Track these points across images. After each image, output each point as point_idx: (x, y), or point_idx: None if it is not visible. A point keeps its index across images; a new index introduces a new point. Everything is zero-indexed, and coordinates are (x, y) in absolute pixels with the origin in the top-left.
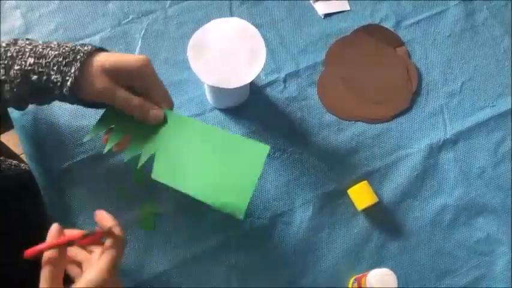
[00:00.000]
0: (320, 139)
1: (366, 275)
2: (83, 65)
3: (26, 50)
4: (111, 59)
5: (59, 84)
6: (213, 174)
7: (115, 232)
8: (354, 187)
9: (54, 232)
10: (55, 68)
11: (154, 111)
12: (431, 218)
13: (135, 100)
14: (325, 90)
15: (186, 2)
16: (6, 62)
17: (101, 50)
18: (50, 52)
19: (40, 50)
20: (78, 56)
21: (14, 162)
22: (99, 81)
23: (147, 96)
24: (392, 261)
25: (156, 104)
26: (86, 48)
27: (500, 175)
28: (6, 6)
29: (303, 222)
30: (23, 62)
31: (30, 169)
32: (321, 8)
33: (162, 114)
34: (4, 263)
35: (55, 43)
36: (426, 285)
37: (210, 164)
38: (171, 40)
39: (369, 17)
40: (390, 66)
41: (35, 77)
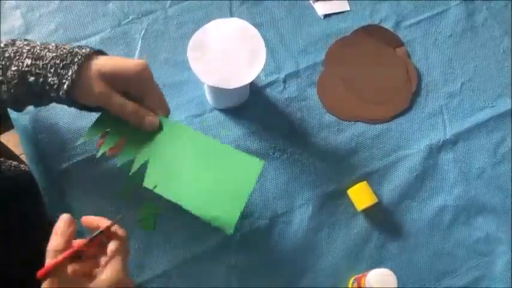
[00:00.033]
0: (320, 139)
1: (366, 275)
2: (80, 68)
3: (24, 51)
4: (109, 63)
5: (55, 86)
6: (205, 187)
7: (118, 232)
8: (353, 187)
9: (66, 221)
10: (52, 70)
11: (150, 118)
12: (430, 218)
13: (131, 106)
14: (325, 91)
15: (186, 2)
16: (3, 62)
17: (99, 52)
18: (47, 54)
19: (38, 51)
20: (75, 59)
21: (13, 163)
22: (96, 86)
23: (144, 101)
24: (392, 261)
25: (152, 110)
26: (83, 50)
27: (499, 175)
28: (6, 6)
29: (303, 222)
30: (20, 63)
31: (30, 170)
32: (320, 8)
33: (157, 121)
34: (4, 263)
35: (53, 44)
36: (426, 285)
37: (203, 176)
38: (171, 40)
39: (368, 17)
40: (390, 67)
41: (32, 78)
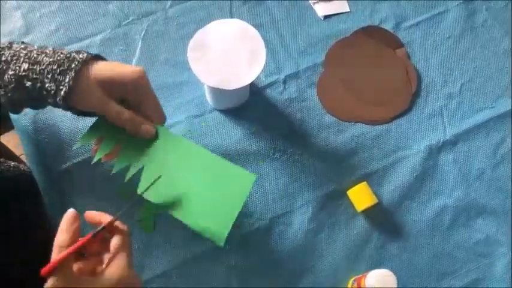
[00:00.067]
0: (320, 140)
1: (366, 275)
2: (78, 74)
3: (21, 55)
4: (106, 69)
5: (52, 92)
6: (197, 197)
7: (120, 227)
8: (353, 188)
9: (70, 217)
10: (49, 76)
11: (147, 126)
12: (430, 219)
13: (127, 113)
14: (325, 92)
15: (186, 3)
16: (0, 66)
17: (96, 57)
18: (44, 59)
19: (35, 55)
20: (72, 65)
21: (12, 164)
22: (93, 93)
23: (140, 108)
24: (392, 262)
25: (148, 117)
26: (81, 56)
27: (499, 176)
28: (7, 7)
29: (303, 222)
30: (17, 67)
31: (30, 170)
32: (320, 10)
33: (153, 129)
34: (4, 263)
35: (50, 49)
36: (425, 286)
37: (195, 187)
38: (171, 41)
39: (368, 18)
40: (390, 68)
41: (29, 83)
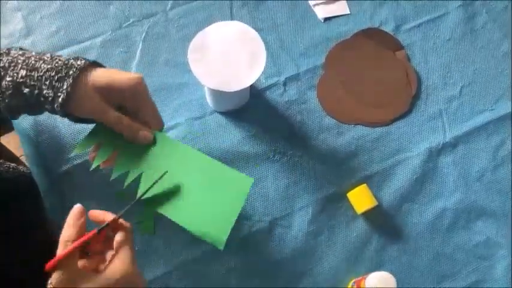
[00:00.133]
0: (320, 142)
1: (365, 277)
2: (75, 81)
3: (19, 61)
4: (104, 76)
5: (50, 99)
6: (196, 202)
7: (123, 224)
8: (353, 190)
9: (77, 212)
10: (47, 83)
11: (144, 132)
12: (430, 222)
13: (125, 120)
14: (325, 94)
15: (186, 5)
16: None
17: (94, 64)
18: (42, 65)
19: (33, 62)
20: (70, 72)
21: (12, 165)
22: (90, 99)
23: (138, 114)
24: (392, 264)
25: (146, 123)
26: (78, 63)
27: (499, 179)
28: (8, 8)
29: (303, 225)
30: (15, 74)
31: (30, 171)
32: (321, 12)
33: (151, 135)
34: (4, 263)
35: (48, 55)
36: None
37: (194, 191)
38: (172, 43)
39: (368, 20)
40: (390, 70)
41: (26, 89)
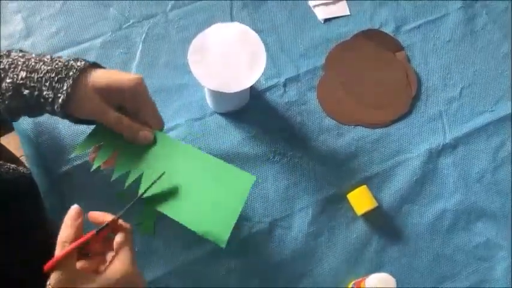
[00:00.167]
0: (320, 143)
1: (365, 279)
2: (75, 82)
3: (19, 63)
4: (104, 77)
5: (50, 100)
6: (197, 201)
7: (123, 225)
8: (353, 192)
9: (74, 213)
10: (47, 84)
11: (145, 132)
12: (430, 223)
13: (125, 120)
14: (325, 95)
15: (187, 6)
16: None
17: (94, 65)
18: (42, 66)
19: (32, 63)
20: (70, 73)
21: (12, 166)
22: (90, 100)
23: (138, 115)
24: (392, 265)
25: (146, 124)
26: (78, 64)
27: (499, 180)
28: (8, 10)
29: (303, 226)
30: (15, 75)
31: (30, 172)
32: (321, 13)
33: (151, 135)
34: (4, 263)
35: (48, 57)
36: None
37: (195, 190)
38: (172, 44)
39: (368, 21)
40: (390, 71)
41: (26, 91)
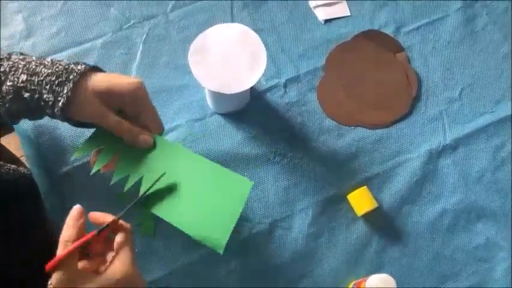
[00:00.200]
0: (320, 144)
1: (365, 279)
2: (76, 85)
3: (19, 66)
4: (104, 80)
5: (50, 103)
6: (196, 206)
7: (123, 225)
8: (353, 192)
9: (76, 213)
10: (47, 87)
11: (144, 136)
12: (430, 223)
13: (125, 124)
14: (325, 96)
15: (187, 6)
16: None
17: (94, 68)
18: (43, 70)
19: (33, 67)
20: (71, 76)
21: (12, 167)
22: (90, 104)
23: (138, 118)
24: (392, 266)
25: (146, 127)
26: (79, 67)
27: (499, 180)
28: (8, 10)
29: (303, 227)
30: (16, 78)
31: (30, 173)
32: (321, 14)
33: (151, 139)
34: (4, 263)
35: (48, 60)
36: None
37: (194, 195)
38: (172, 44)
39: (369, 22)
40: (390, 72)
41: (27, 94)
